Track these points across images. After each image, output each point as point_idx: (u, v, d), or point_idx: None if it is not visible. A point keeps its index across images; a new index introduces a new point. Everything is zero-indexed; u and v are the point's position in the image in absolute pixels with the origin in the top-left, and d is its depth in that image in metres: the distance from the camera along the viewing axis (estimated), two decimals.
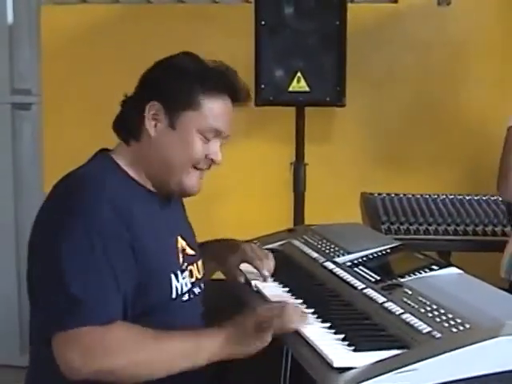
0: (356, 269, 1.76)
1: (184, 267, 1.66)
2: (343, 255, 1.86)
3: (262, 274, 1.76)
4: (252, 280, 1.75)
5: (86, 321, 1.42)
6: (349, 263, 1.81)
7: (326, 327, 1.41)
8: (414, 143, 3.13)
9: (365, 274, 1.70)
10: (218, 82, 1.62)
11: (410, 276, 1.63)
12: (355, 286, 1.65)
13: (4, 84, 3.43)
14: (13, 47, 3.41)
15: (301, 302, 1.58)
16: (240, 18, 2.91)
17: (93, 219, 1.47)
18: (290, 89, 2.72)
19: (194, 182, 1.64)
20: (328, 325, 1.42)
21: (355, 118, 3.10)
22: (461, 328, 1.29)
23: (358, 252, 1.86)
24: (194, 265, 1.71)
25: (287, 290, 1.69)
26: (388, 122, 3.15)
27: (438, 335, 1.29)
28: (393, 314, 1.44)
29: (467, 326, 1.29)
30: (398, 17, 3.09)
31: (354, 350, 1.29)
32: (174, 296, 1.59)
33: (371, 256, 1.83)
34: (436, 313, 1.37)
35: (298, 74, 2.71)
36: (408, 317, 1.39)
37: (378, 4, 3.14)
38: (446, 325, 1.32)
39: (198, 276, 1.72)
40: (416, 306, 1.43)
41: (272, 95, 2.71)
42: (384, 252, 1.85)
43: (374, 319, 1.45)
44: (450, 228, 2.42)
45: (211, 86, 1.60)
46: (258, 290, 1.70)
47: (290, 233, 2.19)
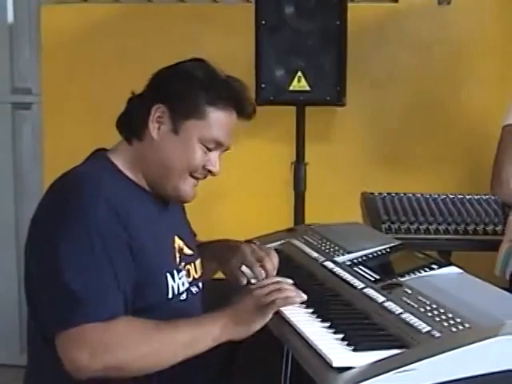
0: (356, 268, 1.76)
1: (181, 267, 1.66)
2: (343, 255, 1.86)
3: (258, 277, 1.74)
4: (253, 280, 1.75)
5: (89, 318, 1.42)
6: (349, 263, 1.80)
7: (325, 327, 1.41)
8: (414, 142, 3.13)
9: (365, 274, 1.70)
10: (226, 93, 1.61)
11: (409, 275, 1.62)
12: (355, 285, 1.65)
13: (4, 83, 3.44)
14: (13, 46, 3.41)
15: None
16: (240, 18, 2.91)
17: (90, 218, 1.47)
18: (291, 88, 2.73)
19: (190, 189, 1.64)
20: (327, 324, 1.42)
21: (355, 117, 3.11)
22: (460, 327, 1.28)
23: (357, 251, 1.85)
24: (192, 264, 1.72)
25: None
26: (388, 122, 3.15)
27: (438, 335, 1.28)
28: (392, 313, 1.43)
29: (467, 325, 1.29)
30: (399, 16, 3.09)
31: (354, 349, 1.29)
32: (170, 296, 1.59)
33: (371, 255, 1.83)
34: (436, 312, 1.37)
35: (299, 73, 2.72)
36: (408, 316, 1.39)
37: (379, 3, 3.14)
38: (445, 324, 1.31)
39: (196, 275, 1.72)
40: (416, 306, 1.43)
41: (272, 94, 2.71)
42: (384, 251, 1.84)
43: (374, 319, 1.45)
44: (450, 227, 2.42)
45: (218, 97, 1.60)
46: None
47: (289, 232, 2.19)
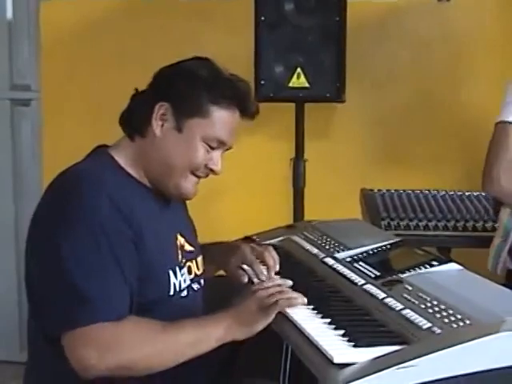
0: (356, 264, 1.76)
1: (182, 264, 1.66)
2: (343, 251, 1.86)
3: (259, 276, 1.75)
4: (254, 278, 1.75)
5: (97, 318, 1.42)
6: (349, 259, 1.81)
7: (326, 323, 1.41)
8: (413, 139, 3.13)
9: (365, 270, 1.70)
10: (229, 92, 1.61)
11: (409, 272, 1.62)
12: (355, 281, 1.65)
13: (3, 80, 3.42)
14: (12, 43, 3.40)
15: None
16: (240, 14, 2.91)
17: (93, 216, 1.47)
18: (290, 85, 2.73)
19: (191, 186, 1.64)
20: (328, 320, 1.42)
21: (355, 114, 3.10)
22: (461, 324, 1.29)
23: (357, 248, 1.86)
24: (193, 261, 1.72)
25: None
26: (388, 118, 3.15)
27: (438, 331, 1.29)
28: (393, 309, 1.43)
29: (467, 321, 1.29)
30: (398, 13, 3.09)
31: (354, 345, 1.29)
32: (171, 293, 1.60)
33: (371, 252, 1.83)
34: (436, 309, 1.37)
35: (298, 70, 2.71)
36: (408, 312, 1.39)
37: (378, 0, 3.14)
38: (446, 321, 1.31)
39: (197, 272, 1.73)
40: (416, 302, 1.43)
41: (272, 91, 2.71)
42: (384, 248, 1.85)
43: (374, 315, 1.45)
44: (449, 224, 2.42)
45: (221, 96, 1.60)
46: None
47: (289, 229, 2.19)
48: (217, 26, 3.13)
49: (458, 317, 1.31)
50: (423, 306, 1.40)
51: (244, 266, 1.79)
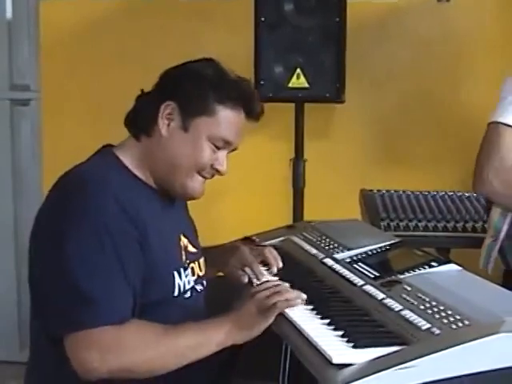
0: (355, 265, 1.76)
1: (186, 265, 1.66)
2: (342, 251, 1.86)
3: (258, 276, 1.76)
4: (254, 279, 1.75)
5: (101, 321, 1.42)
6: (348, 259, 1.81)
7: (325, 323, 1.41)
8: (413, 140, 3.13)
9: (364, 271, 1.70)
10: (235, 93, 1.62)
11: (409, 272, 1.62)
12: (354, 282, 1.65)
13: (3, 80, 3.42)
14: (12, 43, 3.40)
15: None
16: (240, 15, 2.91)
17: (99, 216, 1.46)
18: (290, 85, 2.72)
19: (198, 186, 1.64)
20: (327, 321, 1.42)
21: (355, 114, 3.10)
22: (460, 324, 1.29)
23: (357, 248, 1.85)
24: (196, 262, 1.72)
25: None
26: (387, 119, 3.15)
27: (438, 332, 1.28)
28: (392, 310, 1.43)
29: (467, 322, 1.29)
30: (398, 13, 3.09)
31: (354, 346, 1.29)
32: (176, 294, 1.60)
33: (370, 252, 1.83)
34: (435, 309, 1.37)
35: (298, 70, 2.71)
36: (407, 313, 1.39)
37: (378, 1, 3.14)
38: (445, 321, 1.31)
39: (200, 274, 1.72)
40: (415, 303, 1.43)
41: (271, 91, 2.71)
42: (383, 248, 1.84)
43: (374, 316, 1.45)
44: (449, 225, 2.42)
45: (227, 96, 1.61)
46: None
47: (289, 229, 2.19)
48: (217, 27, 3.13)
49: (458, 317, 1.31)
50: (422, 307, 1.40)
51: (244, 267, 1.80)
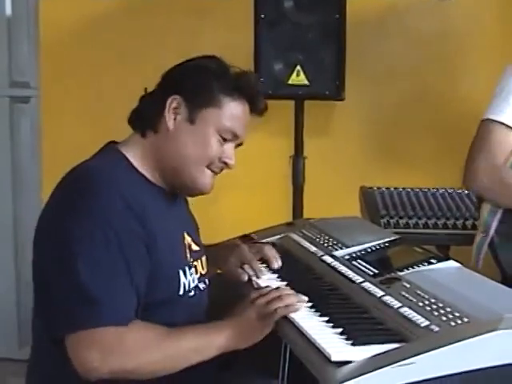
0: (354, 262, 1.76)
1: (191, 263, 1.66)
2: (341, 249, 1.86)
3: (257, 274, 1.75)
4: (253, 277, 1.75)
5: (103, 321, 1.41)
6: (347, 257, 1.81)
7: (324, 321, 1.41)
8: (413, 137, 3.13)
9: (363, 268, 1.70)
10: (239, 84, 1.62)
11: (408, 270, 1.62)
12: (353, 279, 1.65)
13: (2, 77, 3.42)
14: (11, 40, 3.39)
15: None
16: (239, 12, 2.90)
17: (105, 214, 1.45)
18: (290, 82, 2.72)
19: (208, 180, 1.64)
20: (326, 319, 1.42)
21: (354, 111, 3.10)
22: (459, 322, 1.29)
23: (356, 246, 1.85)
24: (199, 261, 1.71)
25: (285, 283, 1.68)
26: (387, 116, 3.15)
27: (437, 329, 1.28)
28: (391, 307, 1.43)
29: (466, 319, 1.29)
30: (398, 10, 3.09)
31: (353, 343, 1.29)
32: (181, 292, 1.59)
33: (370, 250, 1.83)
34: (434, 306, 1.37)
35: (298, 67, 2.71)
36: (406, 310, 1.39)
37: None
38: (444, 318, 1.31)
39: (203, 272, 1.72)
40: (414, 300, 1.43)
41: (271, 88, 2.70)
42: (382, 246, 1.84)
43: (373, 313, 1.45)
44: (448, 222, 2.42)
45: (232, 88, 1.61)
46: (258, 287, 1.69)
47: (288, 226, 2.19)
48: (216, 24, 3.13)
49: (457, 314, 1.31)
50: (421, 304, 1.40)
51: (243, 264, 1.80)
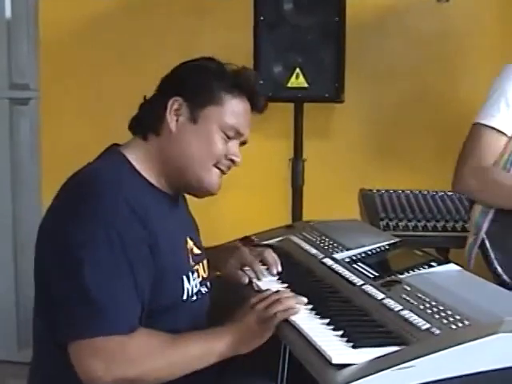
0: (355, 265, 1.76)
1: (193, 268, 1.65)
2: (342, 251, 1.86)
3: (258, 275, 1.75)
4: (254, 279, 1.75)
5: (109, 330, 1.40)
6: (347, 259, 1.80)
7: (324, 323, 1.41)
8: (413, 139, 3.12)
9: (363, 271, 1.70)
10: (239, 82, 1.62)
11: (408, 272, 1.62)
12: (354, 282, 1.65)
13: (2, 79, 3.41)
14: (11, 41, 3.38)
15: None
16: (239, 14, 2.90)
17: (109, 217, 1.44)
18: (289, 85, 2.72)
19: (215, 179, 1.63)
20: (327, 321, 1.42)
21: (354, 114, 3.10)
22: (460, 324, 1.29)
23: (356, 248, 1.85)
24: (200, 264, 1.70)
25: (286, 286, 1.68)
26: (386, 118, 3.15)
27: (437, 332, 1.28)
28: (392, 310, 1.43)
29: (466, 322, 1.29)
30: (398, 11, 3.08)
31: (353, 346, 1.29)
32: (184, 298, 1.59)
33: (370, 252, 1.83)
34: (435, 309, 1.37)
35: (297, 69, 2.71)
36: (407, 313, 1.39)
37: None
38: (444, 321, 1.31)
39: (204, 275, 1.71)
40: (415, 303, 1.43)
41: (270, 91, 2.70)
42: (382, 248, 1.84)
43: (373, 316, 1.45)
44: (448, 225, 2.42)
45: (232, 85, 1.61)
46: (258, 289, 1.69)
47: (288, 229, 2.19)
48: (216, 26, 3.13)
49: (457, 317, 1.31)
50: (422, 307, 1.40)
51: (243, 266, 1.79)
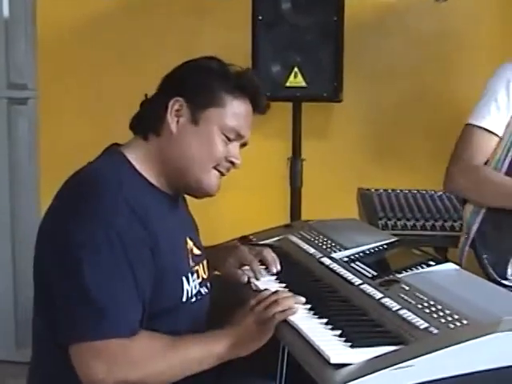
0: (353, 264, 1.76)
1: (193, 269, 1.64)
2: (340, 251, 1.86)
3: (257, 275, 1.75)
4: (252, 278, 1.75)
5: (111, 333, 1.40)
6: (346, 259, 1.80)
7: (322, 323, 1.41)
8: (411, 139, 3.13)
9: (362, 270, 1.70)
10: (241, 83, 1.62)
11: (406, 272, 1.62)
12: (352, 281, 1.65)
13: (0, 78, 3.42)
14: (9, 41, 3.38)
15: None
16: (237, 13, 2.90)
17: (109, 217, 1.44)
18: (287, 84, 2.72)
19: (214, 181, 1.63)
20: (325, 321, 1.42)
21: (352, 113, 3.10)
22: (458, 324, 1.29)
23: (354, 248, 1.85)
24: (200, 265, 1.70)
25: (284, 285, 1.68)
26: (385, 118, 3.15)
27: (435, 331, 1.28)
28: (390, 309, 1.43)
29: (464, 321, 1.29)
30: (397, 11, 3.08)
31: (351, 346, 1.29)
32: (184, 299, 1.58)
33: (368, 252, 1.83)
34: (433, 309, 1.37)
35: (295, 69, 2.71)
36: (405, 313, 1.39)
37: None
38: (443, 321, 1.31)
39: (204, 276, 1.70)
40: (413, 302, 1.43)
41: (269, 90, 2.69)
42: (381, 248, 1.85)
43: (371, 315, 1.45)
44: (447, 224, 2.42)
45: (234, 86, 1.60)
46: (256, 289, 1.68)
47: (286, 228, 2.19)
48: (214, 25, 3.12)
49: (455, 317, 1.31)
50: (420, 306, 1.40)
51: (242, 266, 1.79)
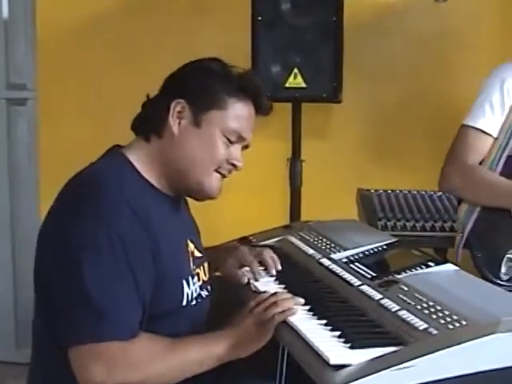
0: (352, 265, 1.76)
1: (194, 272, 1.64)
2: (339, 252, 1.86)
3: (256, 276, 1.75)
4: (252, 279, 1.75)
5: (111, 335, 1.40)
6: (345, 260, 1.80)
7: (322, 324, 1.41)
8: (411, 139, 3.13)
9: (361, 271, 1.70)
10: (244, 85, 1.61)
11: (406, 272, 1.62)
12: (351, 282, 1.65)
13: None
14: (8, 41, 3.38)
15: None
16: (237, 14, 2.90)
17: (110, 218, 1.43)
18: (287, 85, 2.72)
19: (216, 184, 1.62)
20: (324, 322, 1.42)
21: (352, 113, 3.10)
22: (457, 325, 1.29)
23: (354, 248, 1.85)
24: (201, 267, 1.69)
25: (283, 286, 1.68)
26: (385, 118, 3.15)
27: (435, 332, 1.28)
28: (389, 310, 1.43)
29: (464, 322, 1.29)
30: (397, 11, 3.08)
31: (351, 347, 1.29)
32: (184, 303, 1.58)
33: (367, 252, 1.83)
34: (432, 309, 1.37)
35: (295, 69, 2.71)
36: (404, 313, 1.39)
37: None
38: (442, 321, 1.31)
39: (205, 278, 1.70)
40: (412, 303, 1.43)
41: (269, 91, 2.67)
42: (380, 248, 1.85)
43: (371, 316, 1.45)
44: (446, 225, 2.42)
45: (237, 88, 1.60)
46: (255, 290, 1.68)
47: (286, 229, 2.19)
48: (214, 25, 3.12)
49: (455, 317, 1.31)
50: (419, 307, 1.40)
51: (242, 266, 1.79)
